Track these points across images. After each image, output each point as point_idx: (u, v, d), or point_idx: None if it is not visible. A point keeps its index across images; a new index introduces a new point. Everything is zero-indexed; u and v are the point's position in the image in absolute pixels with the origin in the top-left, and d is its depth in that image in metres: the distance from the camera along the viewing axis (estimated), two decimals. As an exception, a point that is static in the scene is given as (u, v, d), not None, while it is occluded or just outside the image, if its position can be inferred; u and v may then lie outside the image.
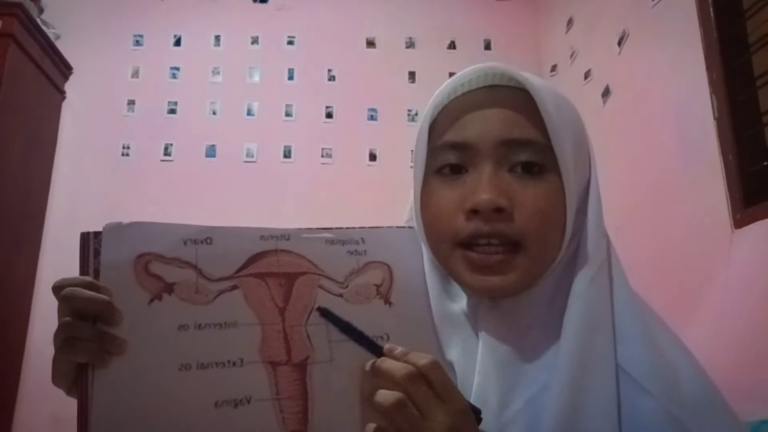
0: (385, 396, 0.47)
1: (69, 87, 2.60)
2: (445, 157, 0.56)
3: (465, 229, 0.54)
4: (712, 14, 1.53)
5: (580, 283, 0.53)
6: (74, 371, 0.47)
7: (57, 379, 0.48)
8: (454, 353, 0.56)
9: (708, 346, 1.29)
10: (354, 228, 0.58)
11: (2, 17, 2.15)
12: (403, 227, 0.63)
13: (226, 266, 0.52)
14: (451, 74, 0.60)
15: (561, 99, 0.57)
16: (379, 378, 0.49)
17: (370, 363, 0.50)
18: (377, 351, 0.50)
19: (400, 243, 0.60)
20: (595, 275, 0.54)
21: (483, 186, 0.53)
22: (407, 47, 2.76)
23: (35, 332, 2.30)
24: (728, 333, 1.36)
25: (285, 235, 0.55)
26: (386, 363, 0.49)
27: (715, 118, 1.49)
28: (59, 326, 0.47)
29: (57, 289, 0.48)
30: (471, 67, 0.58)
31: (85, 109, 2.59)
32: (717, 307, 1.42)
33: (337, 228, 0.57)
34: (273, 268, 0.53)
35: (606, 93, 2.12)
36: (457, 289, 0.60)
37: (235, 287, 0.52)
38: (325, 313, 0.52)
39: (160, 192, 2.48)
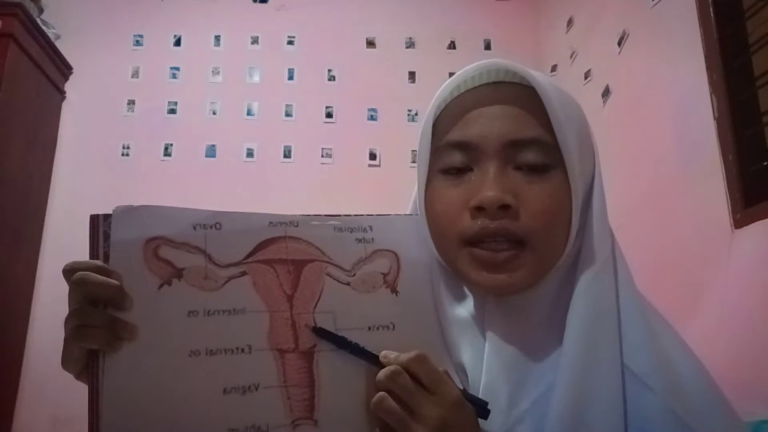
0: (372, 400, 0.48)
1: (69, 87, 2.60)
2: (450, 158, 0.56)
3: (471, 228, 0.53)
4: (712, 14, 1.53)
5: (585, 279, 0.53)
6: (84, 357, 0.47)
7: (67, 364, 0.47)
8: (464, 356, 0.56)
9: (708, 345, 1.29)
10: (362, 215, 0.58)
11: (2, 17, 2.15)
12: (411, 215, 0.62)
13: (235, 252, 0.52)
14: (451, 74, 0.59)
15: (565, 95, 0.57)
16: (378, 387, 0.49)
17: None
18: (375, 361, 0.51)
19: (408, 231, 0.60)
20: (600, 272, 0.54)
21: (488, 183, 0.53)
22: (407, 47, 2.76)
23: (35, 332, 2.30)
24: (728, 332, 1.36)
25: (293, 222, 0.55)
26: (380, 372, 0.49)
27: (715, 118, 1.49)
28: (70, 312, 0.46)
29: (68, 272, 0.47)
30: (474, 64, 0.57)
31: (85, 109, 2.59)
32: (717, 307, 1.42)
33: (345, 215, 0.57)
34: (281, 254, 0.53)
35: (606, 93, 2.12)
36: (464, 291, 0.59)
37: (243, 273, 0.52)
38: (320, 333, 0.51)
39: (160, 192, 2.47)
